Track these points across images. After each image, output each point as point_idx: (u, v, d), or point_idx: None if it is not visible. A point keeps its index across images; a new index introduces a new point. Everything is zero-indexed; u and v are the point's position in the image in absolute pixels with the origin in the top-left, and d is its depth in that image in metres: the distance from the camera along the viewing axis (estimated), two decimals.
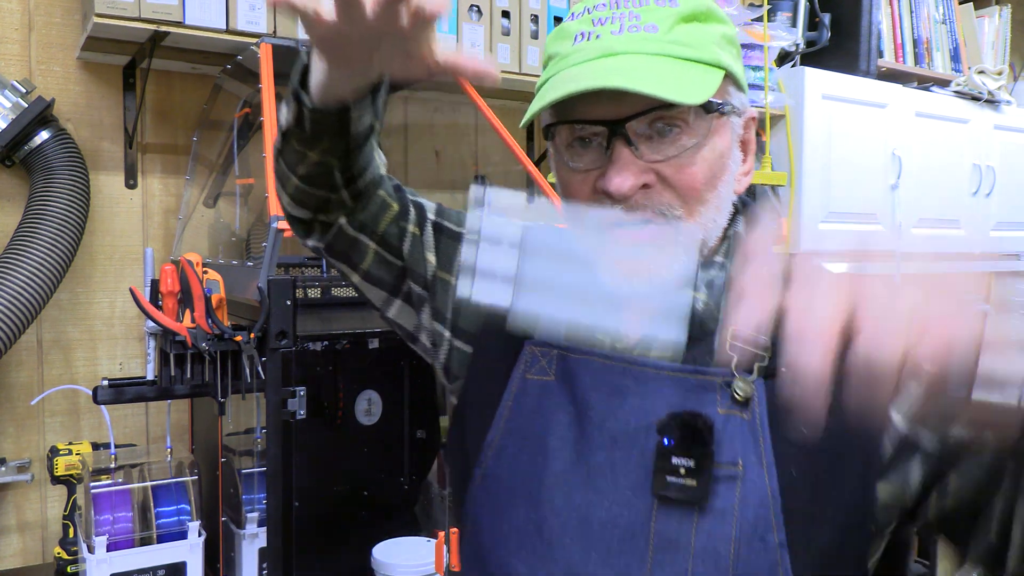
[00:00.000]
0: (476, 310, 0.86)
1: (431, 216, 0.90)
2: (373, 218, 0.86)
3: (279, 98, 1.52)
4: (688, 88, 0.68)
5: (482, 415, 0.83)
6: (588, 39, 0.73)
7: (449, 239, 0.90)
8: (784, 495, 0.68)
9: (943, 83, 2.59)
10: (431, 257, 0.89)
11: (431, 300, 0.88)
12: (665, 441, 0.70)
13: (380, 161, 0.86)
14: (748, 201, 0.86)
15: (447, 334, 0.88)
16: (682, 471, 0.69)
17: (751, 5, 2.28)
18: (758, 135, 2.18)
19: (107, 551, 1.31)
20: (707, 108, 0.71)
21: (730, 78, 0.75)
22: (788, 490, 0.68)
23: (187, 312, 1.30)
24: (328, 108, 0.71)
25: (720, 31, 0.75)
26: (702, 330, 0.75)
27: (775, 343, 0.72)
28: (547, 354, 0.81)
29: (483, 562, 0.79)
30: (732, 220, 0.81)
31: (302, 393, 1.25)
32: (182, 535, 1.37)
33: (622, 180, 0.71)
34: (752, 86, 2.09)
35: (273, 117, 1.34)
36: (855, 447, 0.69)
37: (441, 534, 1.39)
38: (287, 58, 1.46)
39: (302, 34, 1.47)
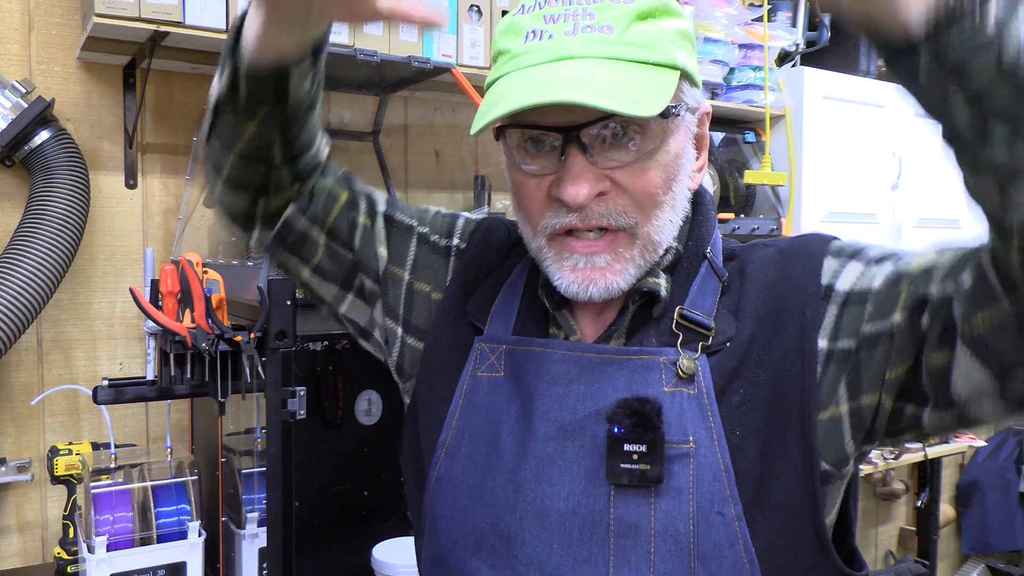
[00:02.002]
0: (428, 306, 0.88)
1: (382, 208, 0.89)
2: (322, 208, 0.84)
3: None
4: (644, 98, 0.66)
5: (435, 415, 0.83)
6: (540, 38, 0.70)
7: (401, 232, 0.88)
8: (734, 461, 0.70)
9: None
10: (382, 250, 0.87)
11: (383, 295, 0.87)
12: (615, 429, 0.71)
13: (324, 142, 0.84)
14: (701, 189, 0.86)
15: (399, 331, 0.88)
16: (635, 457, 0.70)
17: (751, 5, 2.28)
18: (758, 135, 2.18)
19: (107, 551, 1.31)
20: (663, 113, 0.69)
21: (685, 76, 0.73)
22: (736, 453, 0.70)
23: (187, 312, 1.30)
24: (265, 66, 0.69)
25: (675, 26, 0.73)
26: (651, 315, 0.76)
27: (717, 322, 0.74)
28: (496, 350, 0.81)
29: (443, 565, 0.79)
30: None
31: (302, 393, 1.25)
32: (182, 535, 1.37)
33: (577, 190, 0.69)
34: (752, 86, 2.09)
35: None
36: (789, 391, 0.70)
37: None
38: None
39: None
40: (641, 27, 0.70)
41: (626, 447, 0.70)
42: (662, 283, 0.76)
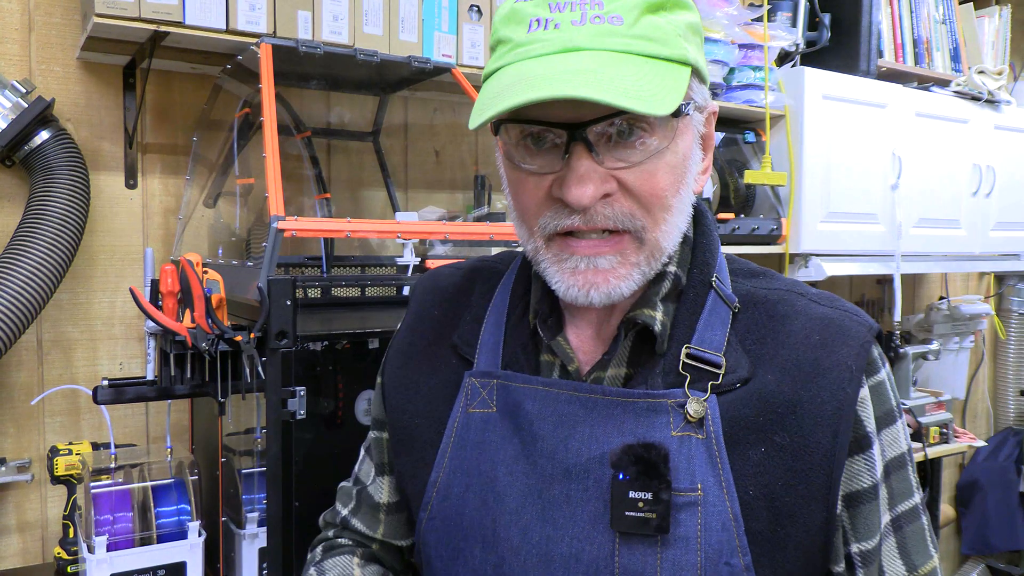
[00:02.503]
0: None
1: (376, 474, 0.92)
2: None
3: (279, 98, 1.52)
4: (656, 95, 0.62)
5: (423, 455, 0.80)
6: (545, 27, 0.65)
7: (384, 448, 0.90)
8: (745, 516, 0.66)
9: (943, 83, 2.59)
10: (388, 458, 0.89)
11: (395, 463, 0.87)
12: (620, 476, 0.67)
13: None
14: (698, 202, 0.80)
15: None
16: (640, 504, 0.67)
17: (751, 5, 2.27)
18: (758, 135, 2.18)
19: (107, 551, 1.31)
20: (675, 112, 0.65)
21: (695, 73, 0.69)
22: (747, 511, 0.67)
23: (187, 312, 1.30)
24: None
25: (686, 20, 0.69)
26: (653, 351, 0.72)
27: (727, 357, 0.70)
28: (487, 385, 0.77)
29: None
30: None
31: (302, 393, 1.25)
32: (182, 535, 1.37)
33: (582, 191, 0.65)
34: (752, 86, 2.09)
35: (273, 117, 1.34)
36: (815, 460, 0.67)
37: None
38: (287, 58, 1.46)
39: (302, 34, 1.47)
40: (652, 19, 0.66)
41: (631, 495, 0.67)
42: (657, 316, 0.72)
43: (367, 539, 0.91)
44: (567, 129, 0.65)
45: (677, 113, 0.66)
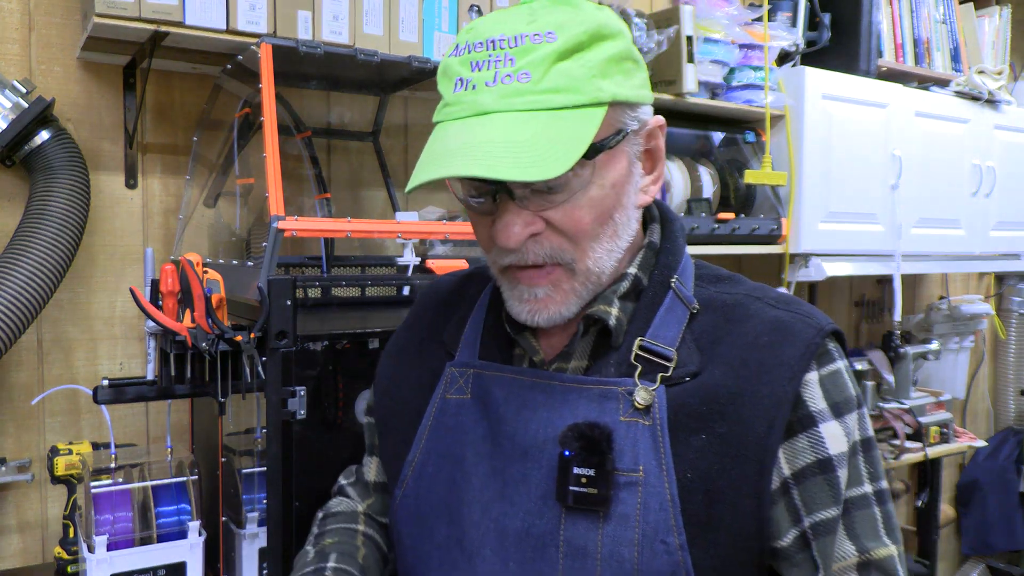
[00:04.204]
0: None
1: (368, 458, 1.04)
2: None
3: (279, 98, 1.52)
4: (552, 157, 0.66)
5: (404, 437, 0.87)
6: (466, 88, 0.71)
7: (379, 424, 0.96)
8: (682, 498, 0.71)
9: (943, 83, 2.59)
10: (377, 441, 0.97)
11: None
12: (566, 452, 0.73)
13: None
14: (663, 205, 0.87)
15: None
16: (583, 480, 0.72)
17: (751, 5, 2.28)
18: (758, 135, 2.18)
19: (107, 551, 1.31)
20: (588, 154, 0.69)
21: (620, 104, 0.73)
22: (685, 492, 0.71)
23: (187, 312, 1.30)
24: None
25: (606, 54, 0.71)
26: (610, 343, 0.78)
27: (680, 353, 0.75)
28: (464, 374, 0.84)
29: None
30: (648, 227, 0.84)
31: (302, 393, 1.25)
32: (182, 535, 1.37)
33: (508, 236, 0.72)
34: (752, 86, 2.09)
35: (273, 117, 1.34)
36: (750, 450, 0.71)
37: None
38: (287, 58, 1.46)
39: (302, 34, 1.47)
40: (563, 67, 0.69)
41: (575, 470, 0.72)
42: (613, 312, 0.77)
43: (354, 510, 1.01)
44: (489, 184, 0.72)
45: (591, 155, 0.70)
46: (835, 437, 0.73)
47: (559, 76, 0.69)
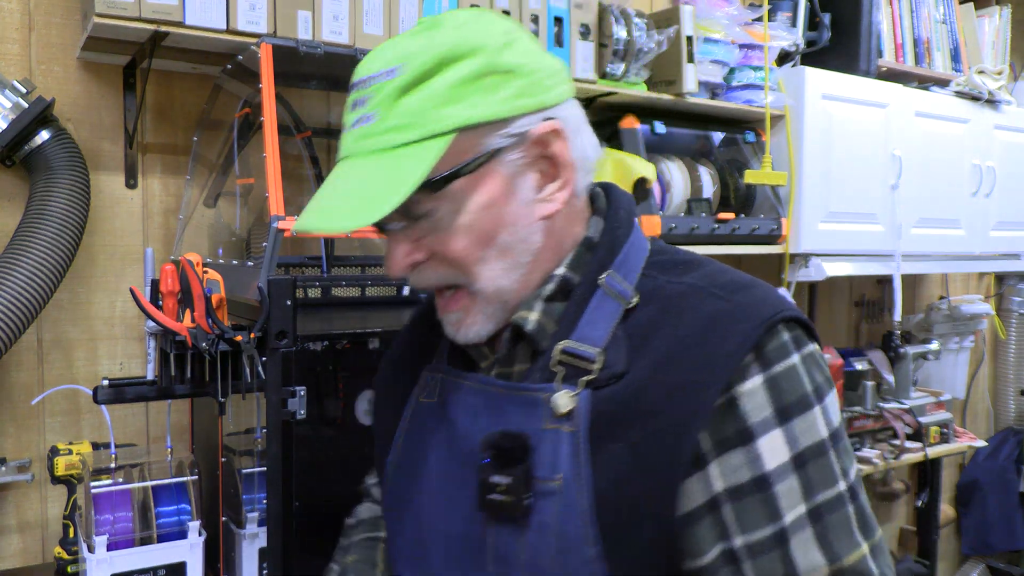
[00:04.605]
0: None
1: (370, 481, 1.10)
2: None
3: (279, 98, 1.52)
4: (382, 198, 0.67)
5: (388, 439, 0.88)
6: (346, 129, 0.74)
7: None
8: (598, 509, 0.68)
9: (943, 83, 2.59)
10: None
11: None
12: (485, 460, 0.72)
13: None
14: (613, 194, 0.82)
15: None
16: (500, 488, 0.71)
17: (751, 5, 2.28)
18: (758, 135, 2.18)
19: (107, 551, 1.31)
20: (432, 186, 0.69)
21: (480, 125, 0.70)
22: (601, 503, 0.69)
23: (187, 312, 1.30)
24: None
25: (455, 77, 0.70)
26: (537, 348, 0.76)
27: (608, 353, 0.72)
28: (434, 379, 0.85)
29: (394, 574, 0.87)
30: (591, 222, 0.81)
31: (302, 393, 1.25)
32: (182, 535, 1.37)
33: (389, 265, 0.74)
34: (752, 86, 2.09)
35: (273, 117, 1.34)
36: (663, 465, 0.68)
37: None
38: (287, 58, 1.46)
39: (302, 34, 1.47)
40: (405, 102, 0.69)
41: (493, 478, 0.71)
42: (531, 316, 0.75)
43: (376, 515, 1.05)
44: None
45: (446, 182, 0.70)
46: (776, 450, 0.67)
47: (399, 114, 0.70)
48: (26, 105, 1.49)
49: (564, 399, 0.71)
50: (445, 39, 0.70)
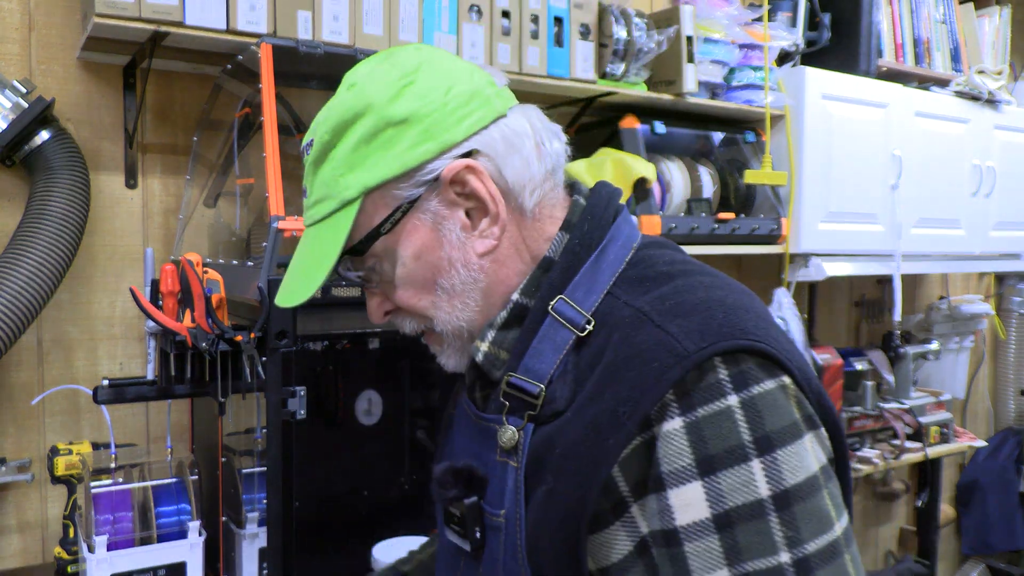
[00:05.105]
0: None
1: None
2: None
3: (279, 98, 1.52)
4: (308, 278, 0.72)
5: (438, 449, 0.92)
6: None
7: None
8: (528, 547, 0.66)
9: (943, 83, 2.59)
10: None
11: None
12: (443, 492, 0.73)
13: None
14: (579, 204, 0.76)
15: None
16: (455, 520, 0.72)
17: (751, 5, 2.28)
18: (758, 135, 2.18)
19: (107, 551, 1.31)
20: (359, 249, 0.73)
21: (390, 181, 0.70)
22: (529, 544, 0.66)
23: (187, 312, 1.30)
24: None
25: (353, 140, 0.70)
26: (491, 378, 0.74)
27: (554, 386, 0.68)
28: (456, 395, 0.88)
29: None
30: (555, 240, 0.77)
31: (302, 393, 1.25)
32: (182, 535, 1.37)
33: (369, 316, 0.78)
34: (752, 86, 2.09)
35: (273, 117, 1.34)
36: (569, 514, 0.64)
37: None
38: (287, 58, 1.46)
39: (302, 34, 1.47)
40: (320, 174, 0.73)
41: (450, 509, 0.73)
42: (482, 347, 0.73)
43: None
44: None
45: (367, 245, 0.73)
46: (689, 505, 0.59)
47: (317, 187, 0.73)
48: (26, 105, 1.49)
49: (508, 433, 0.69)
50: (340, 104, 0.72)
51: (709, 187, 2.09)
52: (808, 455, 0.61)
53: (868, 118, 2.26)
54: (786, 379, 0.63)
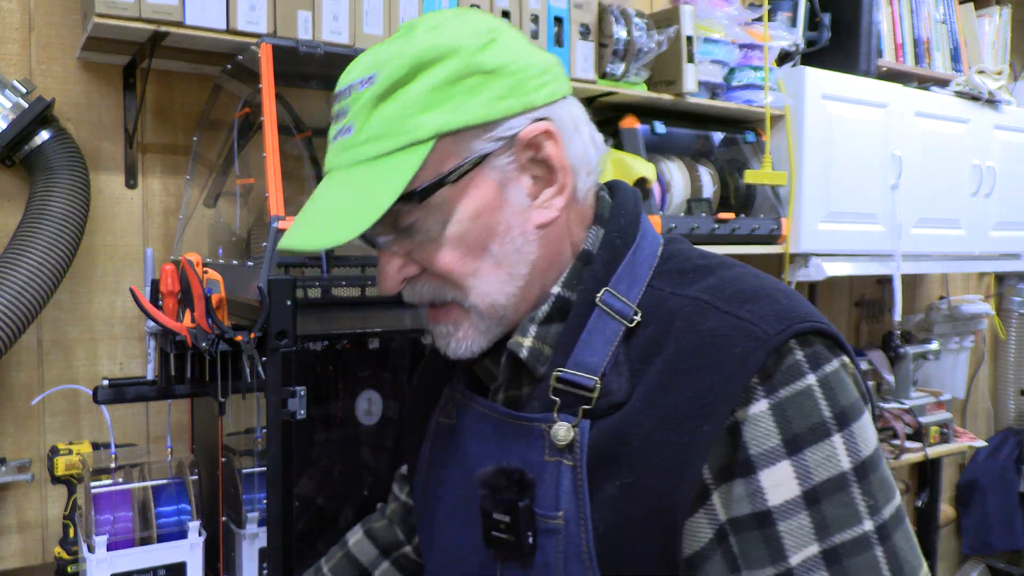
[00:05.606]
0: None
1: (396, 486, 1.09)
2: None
3: (279, 98, 1.52)
4: (357, 215, 0.64)
5: (413, 456, 0.87)
6: (329, 141, 0.71)
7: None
8: (598, 550, 0.64)
9: (943, 83, 2.59)
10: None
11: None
12: (486, 495, 0.69)
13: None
14: (619, 196, 0.76)
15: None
16: (502, 526, 0.67)
17: (751, 5, 2.28)
18: (758, 135, 2.18)
19: (107, 551, 1.31)
20: (407, 197, 0.65)
21: (463, 129, 0.66)
22: (600, 545, 0.64)
23: (187, 312, 1.30)
24: None
25: (432, 81, 0.65)
26: (535, 374, 0.71)
27: (608, 379, 0.66)
28: (451, 398, 0.81)
29: None
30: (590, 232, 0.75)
31: (302, 393, 1.25)
32: (182, 535, 1.37)
33: (383, 280, 0.71)
34: (752, 86, 2.09)
35: (273, 117, 1.34)
36: (653, 508, 0.63)
37: None
38: (287, 58, 1.46)
39: (302, 34, 1.47)
40: (383, 109, 0.66)
41: (494, 515, 0.68)
42: (525, 342, 0.70)
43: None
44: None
45: (429, 193, 0.66)
46: (782, 484, 0.60)
47: (376, 123, 0.66)
48: (26, 105, 1.49)
49: (563, 431, 0.66)
50: (420, 42, 0.66)
51: (709, 187, 2.09)
52: (871, 428, 0.64)
53: (868, 118, 2.26)
54: (845, 358, 0.65)
